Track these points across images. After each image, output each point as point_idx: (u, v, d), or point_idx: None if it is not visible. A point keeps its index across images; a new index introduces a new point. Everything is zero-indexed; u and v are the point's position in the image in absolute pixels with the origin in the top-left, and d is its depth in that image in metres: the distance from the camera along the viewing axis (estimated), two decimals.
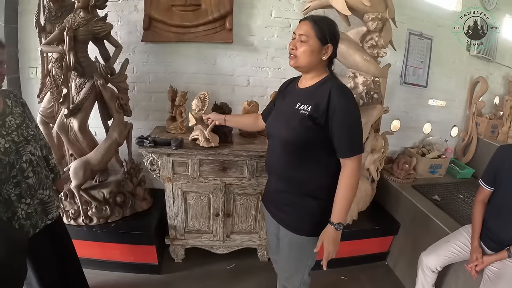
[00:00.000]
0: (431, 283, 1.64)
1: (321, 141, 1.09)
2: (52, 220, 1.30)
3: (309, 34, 1.07)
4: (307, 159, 1.13)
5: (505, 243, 1.39)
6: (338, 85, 1.08)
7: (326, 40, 1.08)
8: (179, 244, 2.00)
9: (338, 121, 1.04)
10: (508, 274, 1.37)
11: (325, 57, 1.10)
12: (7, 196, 1.11)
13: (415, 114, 2.57)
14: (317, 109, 1.06)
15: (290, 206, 1.21)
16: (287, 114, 1.15)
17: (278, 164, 1.21)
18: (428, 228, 1.89)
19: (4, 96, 1.18)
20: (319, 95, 1.07)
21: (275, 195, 1.27)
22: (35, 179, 1.21)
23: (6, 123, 1.13)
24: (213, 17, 1.96)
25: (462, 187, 2.32)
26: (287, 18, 2.09)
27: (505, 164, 1.45)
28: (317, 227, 1.16)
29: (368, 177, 2.18)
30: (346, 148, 1.07)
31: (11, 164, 1.11)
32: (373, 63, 1.82)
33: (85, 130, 1.84)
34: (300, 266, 1.28)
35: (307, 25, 1.08)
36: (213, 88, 2.13)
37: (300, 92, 1.16)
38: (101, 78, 1.74)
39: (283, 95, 1.26)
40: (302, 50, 1.08)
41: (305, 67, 1.12)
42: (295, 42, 1.10)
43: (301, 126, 1.08)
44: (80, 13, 1.65)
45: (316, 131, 1.07)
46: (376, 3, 1.77)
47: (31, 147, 1.20)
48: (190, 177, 1.81)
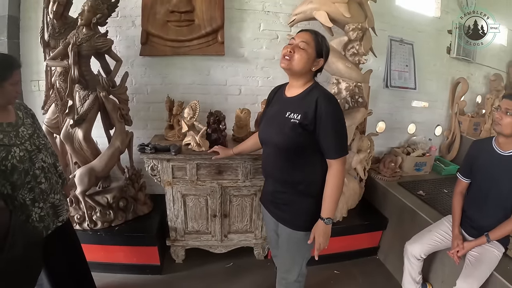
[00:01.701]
0: (417, 270, 1.73)
1: (311, 145, 1.19)
2: (62, 222, 1.39)
3: (310, 43, 1.16)
4: (300, 161, 1.23)
5: (484, 229, 1.51)
6: (324, 93, 1.18)
7: (321, 54, 1.19)
8: (180, 245, 2.10)
9: (324, 127, 1.14)
10: (487, 258, 1.48)
11: (315, 68, 1.21)
12: (22, 200, 1.21)
13: (400, 115, 2.71)
14: (306, 117, 1.15)
15: (287, 205, 1.31)
16: (278, 121, 1.23)
17: (273, 168, 1.31)
18: (414, 221, 2.00)
19: (16, 109, 1.28)
20: (307, 103, 1.16)
21: (273, 196, 1.36)
22: (47, 184, 1.30)
23: (19, 133, 1.23)
24: (205, 32, 2.10)
25: (447, 183, 2.44)
26: (275, 30, 2.24)
27: (479, 157, 1.58)
28: (312, 222, 1.27)
29: (355, 177, 2.30)
30: (333, 151, 1.18)
31: (26, 171, 1.21)
32: (355, 69, 1.96)
33: (89, 139, 1.95)
34: (298, 259, 1.39)
35: (309, 35, 1.17)
36: (207, 97, 2.27)
37: (289, 100, 1.25)
38: (103, 90, 1.86)
39: (272, 103, 1.36)
40: (299, 55, 1.15)
41: (295, 72, 1.19)
42: (293, 46, 1.17)
43: (292, 133, 1.17)
44: (83, 30, 1.77)
45: (306, 136, 1.17)
46: (356, 14, 1.92)
47: (42, 155, 1.30)
48: (188, 181, 1.92)
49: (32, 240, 1.20)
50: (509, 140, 1.47)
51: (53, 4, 1.77)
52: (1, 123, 1.18)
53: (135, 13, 2.09)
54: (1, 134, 1.16)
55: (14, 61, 1.20)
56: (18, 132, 1.23)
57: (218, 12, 2.08)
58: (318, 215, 1.26)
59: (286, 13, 2.20)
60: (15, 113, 1.27)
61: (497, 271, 1.48)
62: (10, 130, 1.20)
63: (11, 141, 1.19)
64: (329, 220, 1.22)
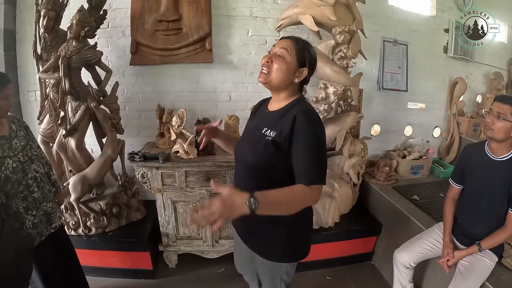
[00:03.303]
0: (407, 279, 1.70)
1: (284, 167, 1.03)
2: (55, 229, 1.44)
3: (289, 51, 1.03)
4: (271, 184, 0.96)
5: (475, 237, 1.46)
6: (305, 110, 1.02)
7: (304, 63, 1.04)
8: (172, 250, 2.13)
9: (299, 146, 0.99)
10: (478, 268, 1.44)
11: (298, 79, 1.05)
12: (16, 209, 1.27)
13: (395, 118, 2.66)
14: (281, 134, 1.01)
15: (257, 232, 1.15)
16: (253, 137, 1.11)
17: (242, 186, 1.05)
18: (407, 227, 1.96)
19: (9, 122, 1.34)
20: (285, 120, 1.02)
21: (242, 221, 1.05)
22: (39, 193, 1.36)
23: (12, 145, 1.29)
24: (193, 40, 2.12)
25: (445, 186, 2.35)
26: (263, 35, 2.24)
27: (470, 162, 1.53)
28: (286, 252, 1.15)
29: (348, 181, 2.28)
30: (304, 176, 0.97)
31: (19, 181, 1.27)
32: (343, 73, 1.94)
33: (82, 148, 2.01)
34: (277, 281, 1.24)
35: (289, 43, 1.04)
36: (197, 104, 2.29)
37: (268, 115, 1.12)
38: (94, 101, 1.91)
39: (254, 117, 1.24)
40: (277, 66, 1.02)
41: (274, 85, 1.06)
42: (271, 55, 1.05)
43: (264, 152, 1.04)
44: (73, 43, 1.83)
45: (279, 156, 1.02)
46: (343, 17, 1.89)
47: (35, 166, 1.36)
48: (178, 188, 1.95)
49: (22, 246, 1.26)
50: (501, 145, 1.41)
51: (43, 18, 1.83)
52: None
53: (125, 24, 2.14)
54: None
55: (3, 77, 1.26)
56: (11, 144, 1.29)
57: (205, 19, 2.10)
58: (291, 244, 1.14)
59: (274, 18, 2.20)
60: (9, 126, 1.33)
61: (490, 281, 1.44)
62: (4, 142, 1.26)
63: (5, 153, 1.24)
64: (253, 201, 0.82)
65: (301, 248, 1.20)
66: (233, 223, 1.33)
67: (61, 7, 1.94)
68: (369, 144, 2.38)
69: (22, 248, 1.25)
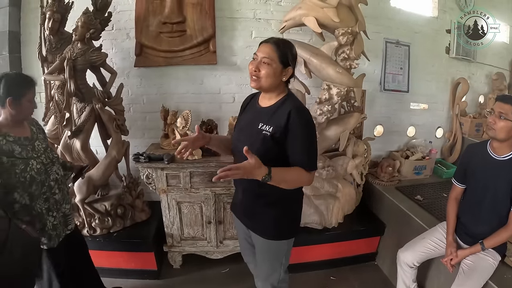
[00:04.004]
0: (411, 278, 1.70)
1: (281, 158, 1.15)
2: (70, 230, 1.47)
3: (272, 58, 1.10)
4: None
5: (478, 237, 1.47)
6: (297, 106, 1.15)
7: (288, 63, 1.14)
8: (176, 251, 2.14)
9: (294, 139, 1.12)
10: (481, 267, 1.45)
11: (285, 78, 1.17)
12: (39, 210, 1.30)
13: (398, 118, 2.67)
14: (277, 129, 1.12)
15: (256, 215, 1.30)
16: (250, 132, 1.21)
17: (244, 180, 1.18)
18: (410, 227, 1.96)
19: (29, 124, 1.37)
20: (280, 115, 1.13)
21: (242, 206, 1.36)
22: (60, 195, 1.39)
23: (35, 147, 1.32)
24: (197, 41, 2.14)
25: (448, 186, 2.33)
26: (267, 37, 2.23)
27: (472, 162, 1.54)
28: (283, 231, 1.29)
29: (352, 182, 2.29)
30: (302, 163, 1.13)
31: (42, 182, 1.29)
32: (346, 74, 1.95)
33: (87, 149, 2.02)
34: (276, 266, 1.38)
35: (270, 49, 1.11)
36: (202, 106, 2.30)
37: (262, 111, 1.22)
38: (99, 102, 1.93)
39: (246, 111, 1.34)
40: (265, 73, 1.11)
41: (266, 88, 1.17)
42: (257, 64, 1.12)
43: (263, 145, 1.14)
44: (78, 45, 1.84)
45: (276, 149, 1.14)
46: (345, 19, 1.90)
47: (55, 167, 1.39)
48: (182, 188, 1.96)
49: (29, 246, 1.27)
50: (503, 144, 1.42)
51: (48, 21, 1.85)
52: (19, 137, 1.27)
53: (129, 26, 2.15)
54: (20, 148, 1.25)
55: (30, 80, 1.31)
56: (34, 146, 1.32)
57: (209, 21, 2.12)
58: (287, 223, 1.29)
59: (277, 19, 2.21)
60: (30, 128, 1.36)
61: (493, 280, 1.44)
62: (27, 144, 1.29)
63: (29, 154, 1.28)
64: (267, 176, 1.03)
65: (292, 225, 1.34)
66: (232, 209, 1.48)
67: (66, 10, 1.96)
68: (372, 144, 2.39)
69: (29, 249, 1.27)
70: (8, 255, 1.13)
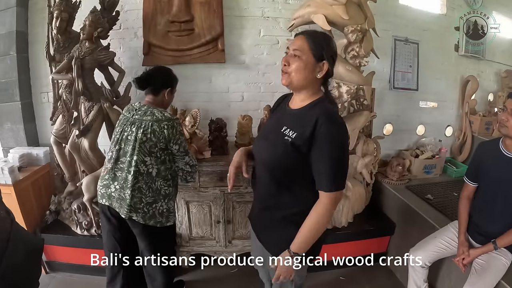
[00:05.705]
0: (422, 278, 1.68)
1: (302, 169, 1.02)
2: None
3: (303, 49, 1.00)
4: (289, 184, 1.07)
5: (491, 236, 1.45)
6: (328, 112, 0.99)
7: (322, 57, 1.00)
8: (185, 251, 2.12)
9: (320, 151, 0.97)
10: (493, 266, 1.43)
11: (320, 75, 1.02)
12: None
13: (407, 117, 2.64)
14: (301, 137, 0.99)
15: (270, 228, 1.16)
16: (272, 136, 1.09)
17: (260, 184, 1.17)
18: (421, 227, 1.94)
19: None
20: (306, 121, 0.99)
21: (257, 213, 1.24)
22: None
23: None
24: (206, 40, 2.13)
25: (458, 185, 2.33)
26: (275, 35, 2.24)
27: (485, 160, 1.52)
28: None
29: (361, 181, 2.26)
30: (325, 182, 0.99)
31: None
32: (356, 72, 1.93)
33: (95, 148, 2.01)
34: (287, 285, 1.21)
35: (302, 40, 1.01)
36: (210, 105, 2.29)
37: (289, 113, 1.10)
38: (107, 101, 1.92)
39: (275, 112, 1.23)
40: (295, 66, 1.00)
41: (298, 85, 1.04)
42: (288, 57, 1.03)
43: (282, 153, 1.02)
44: (86, 44, 1.84)
45: (298, 158, 1.01)
46: (355, 16, 1.89)
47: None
48: (191, 188, 1.94)
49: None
50: None
51: (56, 20, 1.85)
52: None
53: (137, 25, 2.15)
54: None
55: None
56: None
57: (217, 20, 2.11)
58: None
59: (285, 17, 2.19)
60: None
61: (505, 280, 1.42)
62: None
63: None
64: (296, 256, 1.03)
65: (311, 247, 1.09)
66: (250, 218, 1.33)
67: (74, 9, 1.95)
68: (381, 143, 2.36)
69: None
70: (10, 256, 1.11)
